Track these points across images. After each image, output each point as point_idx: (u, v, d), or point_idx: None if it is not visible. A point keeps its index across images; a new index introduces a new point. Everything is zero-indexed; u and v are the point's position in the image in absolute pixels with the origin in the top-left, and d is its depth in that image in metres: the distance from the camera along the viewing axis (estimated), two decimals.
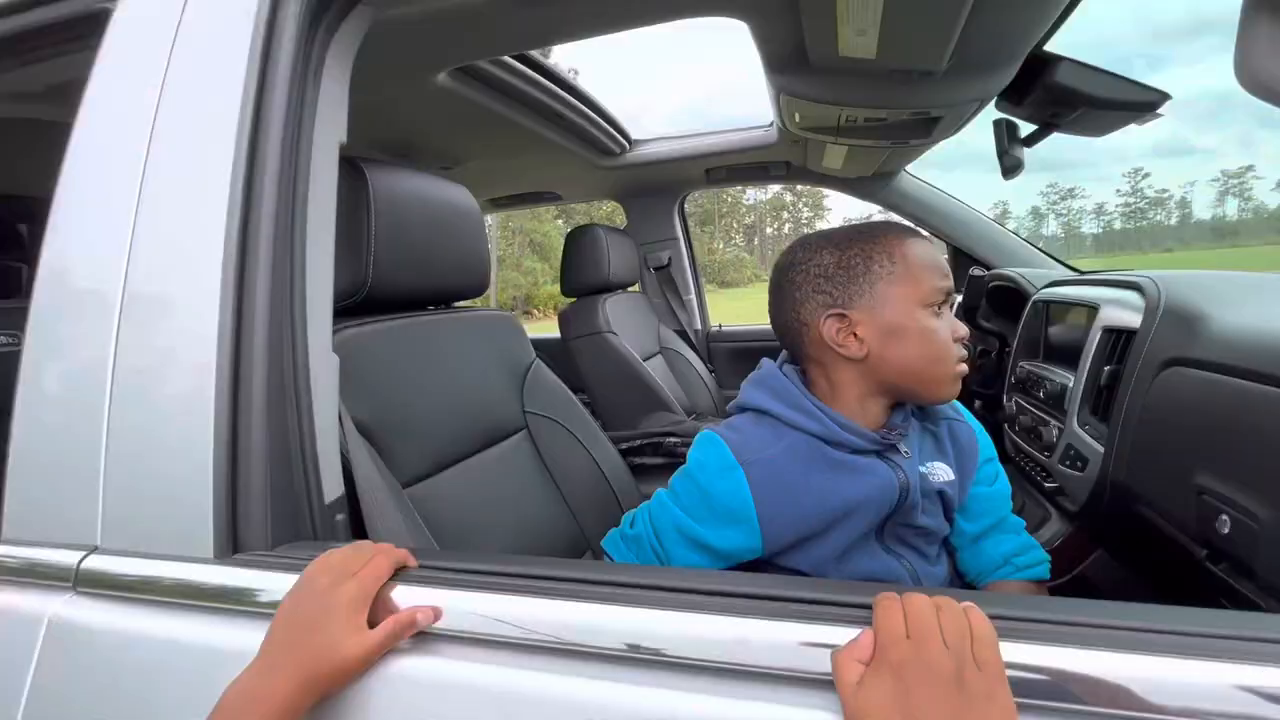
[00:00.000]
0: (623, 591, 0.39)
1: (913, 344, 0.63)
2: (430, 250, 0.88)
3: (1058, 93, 0.96)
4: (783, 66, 1.01)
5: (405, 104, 1.13)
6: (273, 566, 0.42)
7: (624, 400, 1.62)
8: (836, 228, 0.71)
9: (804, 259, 0.67)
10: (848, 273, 0.64)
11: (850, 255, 0.65)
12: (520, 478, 0.99)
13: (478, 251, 0.98)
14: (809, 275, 0.66)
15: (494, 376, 1.01)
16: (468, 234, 0.96)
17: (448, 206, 0.92)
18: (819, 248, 0.67)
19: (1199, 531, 0.70)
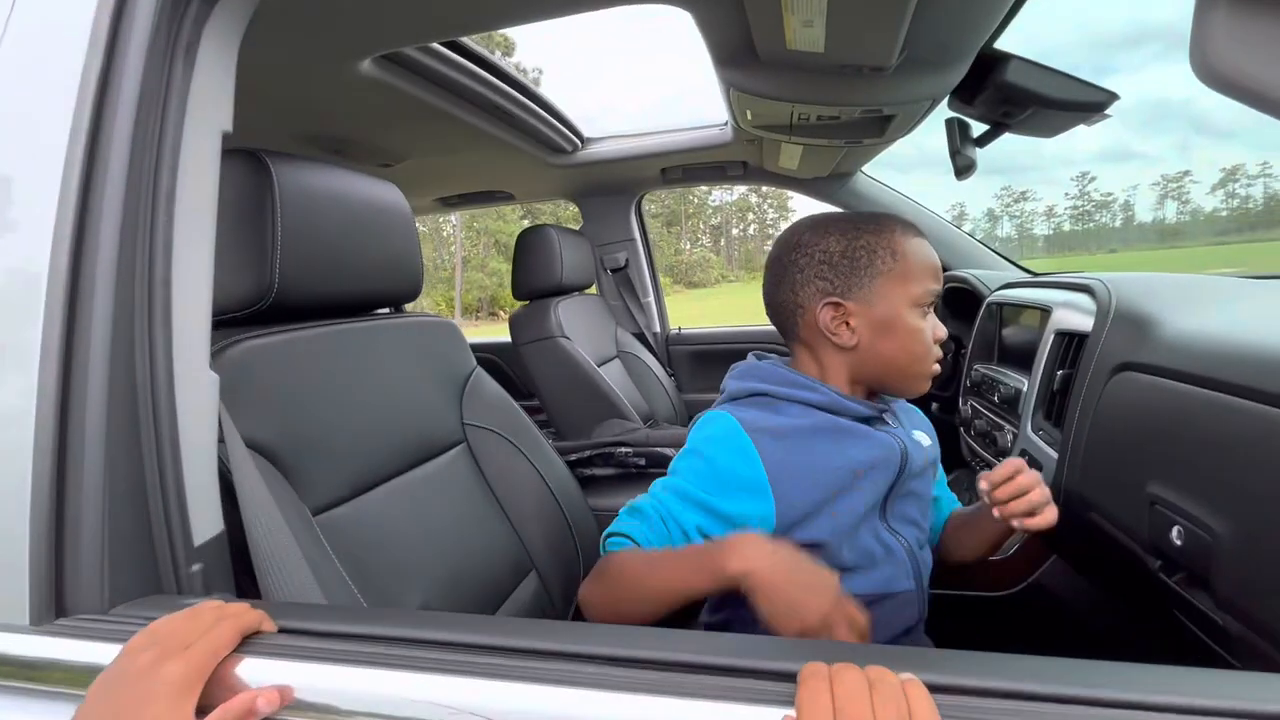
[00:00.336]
0: (522, 665, 0.33)
1: (899, 341, 0.64)
2: (351, 252, 0.81)
3: (1008, 91, 0.94)
4: (731, 60, 0.97)
5: (330, 95, 1.05)
6: (103, 635, 0.35)
7: (577, 407, 1.57)
8: (844, 212, 0.71)
9: (810, 241, 0.67)
10: (851, 263, 0.64)
11: (856, 246, 0.65)
12: (457, 496, 0.92)
13: (408, 253, 0.92)
14: (813, 259, 0.66)
15: (428, 387, 0.94)
16: (396, 234, 0.89)
17: (371, 204, 0.85)
18: (826, 231, 0.66)
19: (1152, 542, 0.68)
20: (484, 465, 1.00)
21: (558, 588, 1.00)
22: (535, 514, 1.02)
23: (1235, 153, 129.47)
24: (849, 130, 1.19)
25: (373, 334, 0.87)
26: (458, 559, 0.85)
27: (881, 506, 0.67)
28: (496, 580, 0.90)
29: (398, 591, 0.73)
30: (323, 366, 0.75)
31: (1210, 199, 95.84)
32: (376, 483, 0.79)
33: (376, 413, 0.82)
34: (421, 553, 0.80)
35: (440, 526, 0.86)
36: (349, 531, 0.72)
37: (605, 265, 2.08)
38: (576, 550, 1.04)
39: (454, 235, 31.31)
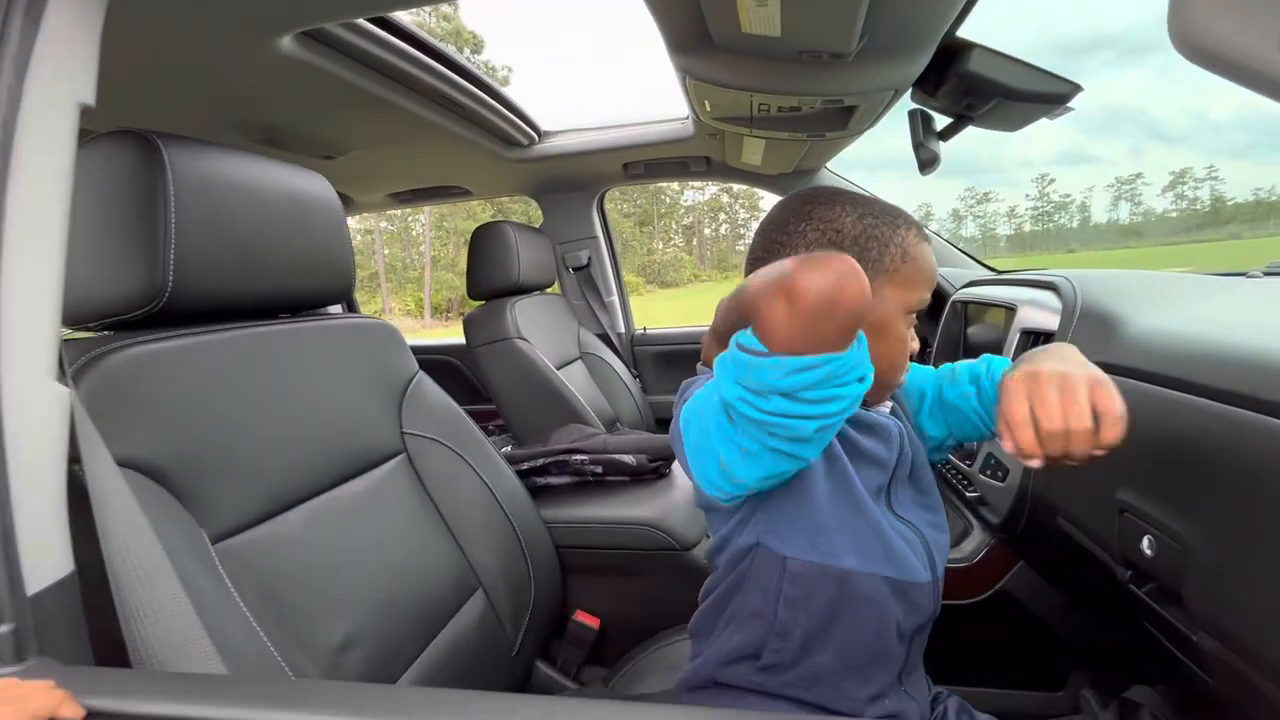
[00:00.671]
0: None
1: (886, 347, 0.59)
2: (267, 248, 0.73)
3: (971, 82, 0.91)
4: (686, 46, 0.92)
5: (251, 77, 0.97)
6: None
7: (535, 412, 1.50)
8: (853, 191, 0.64)
9: (822, 214, 0.60)
10: (862, 251, 0.59)
11: (870, 235, 0.59)
12: (393, 511, 0.85)
13: (337, 250, 0.84)
14: (823, 235, 0.60)
15: (361, 394, 0.87)
16: (322, 229, 0.82)
17: (292, 196, 0.77)
18: (841, 208, 0.60)
19: (1122, 552, 0.64)
20: (425, 477, 0.93)
21: (506, 607, 0.93)
22: (482, 528, 0.95)
23: (1184, 157, 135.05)
24: (811, 123, 1.15)
25: (294, 338, 0.79)
26: (392, 582, 0.78)
27: (886, 494, 0.62)
28: (437, 602, 0.83)
29: (317, 625, 0.66)
30: (228, 374, 0.67)
31: (1161, 200, 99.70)
32: (296, 502, 0.72)
33: (297, 424, 0.75)
34: (349, 578, 0.73)
35: (373, 547, 0.79)
36: (260, 559, 0.65)
37: (567, 264, 2.01)
38: (527, 566, 0.98)
39: (423, 235, 30.82)
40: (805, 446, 0.46)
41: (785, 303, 0.42)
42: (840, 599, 0.57)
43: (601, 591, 1.08)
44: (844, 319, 0.42)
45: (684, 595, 1.08)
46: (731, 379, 0.46)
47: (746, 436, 0.46)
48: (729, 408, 0.47)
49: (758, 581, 0.59)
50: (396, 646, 0.74)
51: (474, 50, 28.27)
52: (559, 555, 1.05)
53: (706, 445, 0.50)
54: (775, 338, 0.43)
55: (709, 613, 0.66)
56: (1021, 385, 0.51)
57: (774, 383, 0.43)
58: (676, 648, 0.98)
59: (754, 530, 0.59)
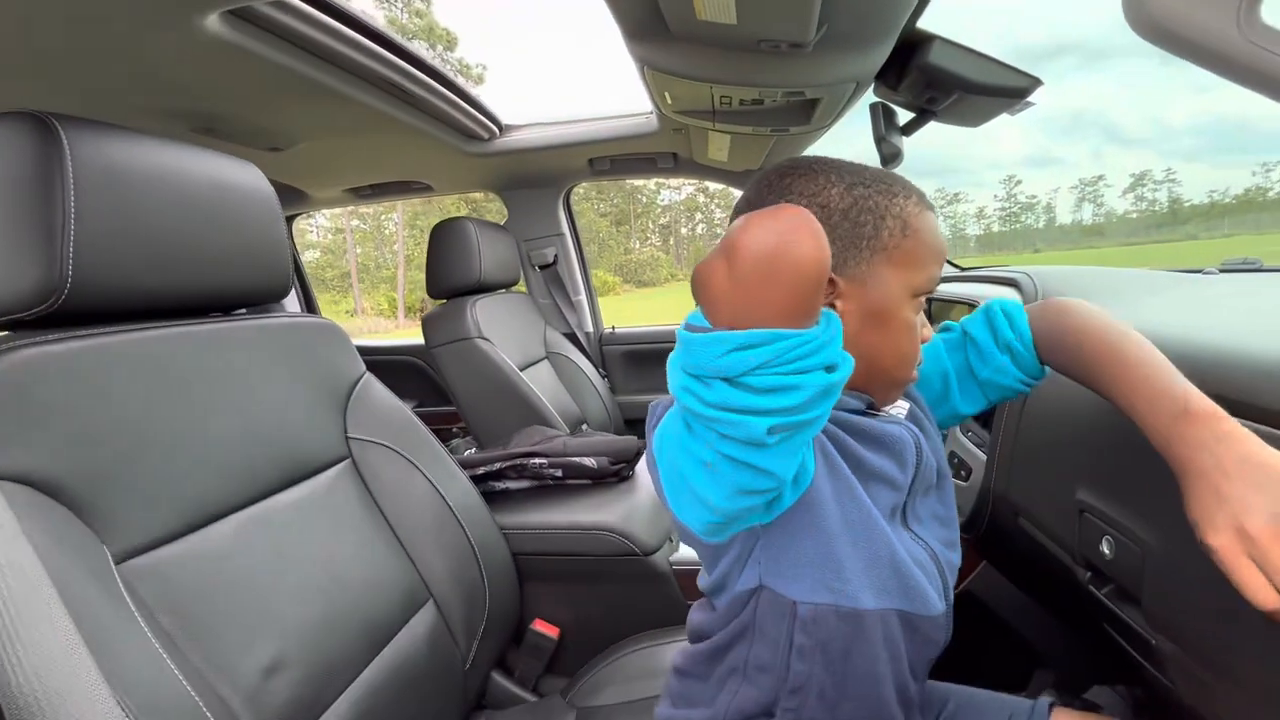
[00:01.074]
0: None
1: (890, 336, 0.51)
2: (189, 241, 0.68)
3: (932, 75, 0.89)
4: (642, 33, 0.89)
5: (178, 61, 0.91)
6: None
7: (497, 413, 1.46)
8: (840, 160, 0.55)
9: (803, 187, 0.52)
10: (854, 227, 0.50)
11: (862, 206, 0.51)
12: (335, 521, 0.80)
13: (271, 244, 0.79)
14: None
15: (301, 397, 0.82)
16: (255, 222, 0.77)
17: (218, 185, 0.72)
18: (826, 178, 0.52)
19: (1082, 553, 0.63)
20: (372, 484, 0.88)
21: (459, 619, 0.89)
22: (433, 537, 0.91)
23: (1143, 160, 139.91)
24: (774, 117, 1.13)
25: (224, 338, 0.74)
26: (331, 596, 0.73)
27: (901, 512, 0.55)
28: (383, 616, 0.79)
29: (242, 647, 0.61)
30: (141, 378, 0.62)
31: (1122, 202, 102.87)
32: (222, 514, 0.67)
33: (225, 430, 0.70)
34: (281, 594, 0.68)
35: (310, 559, 0.74)
36: (178, 577, 0.60)
37: (533, 261, 1.97)
38: (481, 575, 0.94)
39: (397, 233, 30.38)
40: (765, 455, 0.38)
41: (725, 265, 0.36)
42: (853, 644, 0.50)
43: (561, 599, 1.04)
44: (789, 281, 0.35)
45: (646, 602, 1.05)
46: (677, 365, 0.40)
47: (700, 442, 0.39)
48: (680, 407, 0.40)
49: (764, 631, 0.51)
50: (333, 666, 0.69)
51: (448, 48, 27.90)
52: (516, 563, 1.01)
53: (676, 468, 0.43)
54: (716, 308, 0.37)
55: (703, 661, 0.57)
56: (1240, 555, 0.40)
57: (712, 362, 0.36)
58: (638, 656, 0.95)
59: (755, 570, 0.50)
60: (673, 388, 0.40)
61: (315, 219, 31.26)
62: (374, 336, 2.90)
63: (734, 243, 0.35)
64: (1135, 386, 0.49)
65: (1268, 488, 0.39)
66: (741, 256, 0.35)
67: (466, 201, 18.84)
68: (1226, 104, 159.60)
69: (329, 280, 30.38)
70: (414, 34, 25.85)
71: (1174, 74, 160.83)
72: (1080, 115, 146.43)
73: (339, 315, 26.78)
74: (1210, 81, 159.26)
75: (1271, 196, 59.14)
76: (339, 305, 28.50)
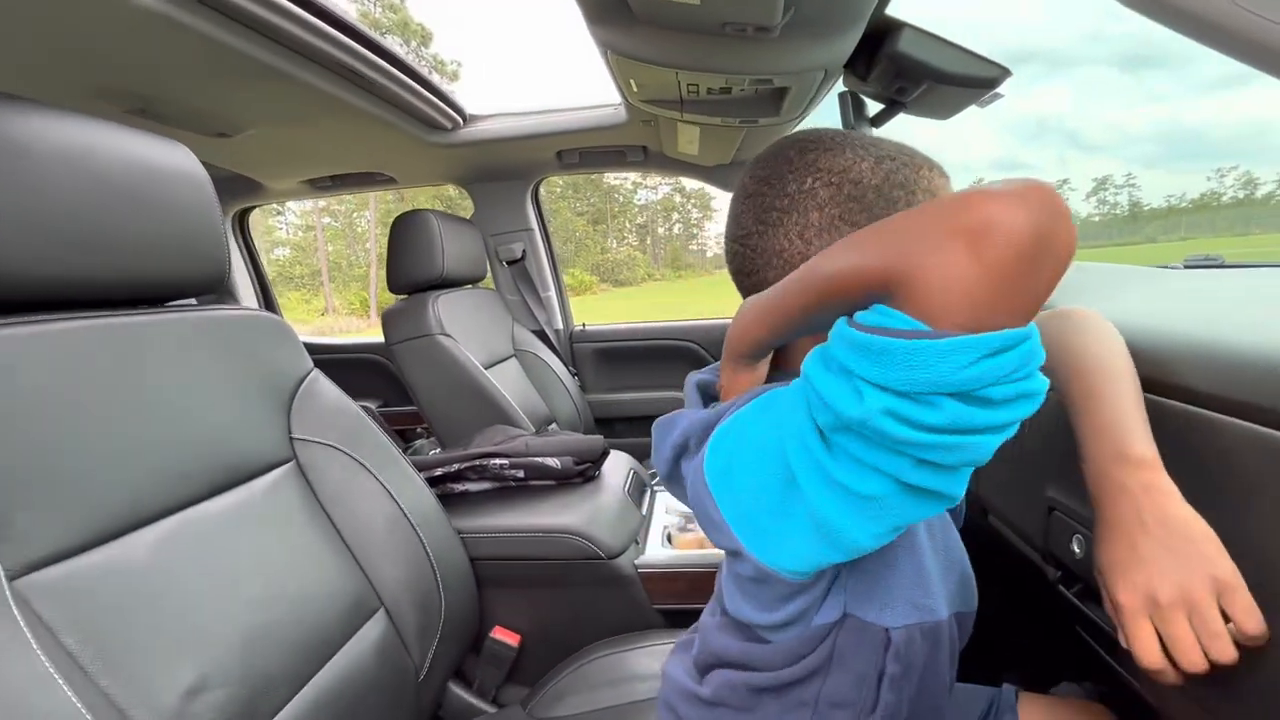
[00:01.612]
0: None
1: None
2: (105, 227, 0.63)
3: (901, 64, 0.87)
4: (603, 16, 0.85)
5: (106, 34, 0.85)
6: None
7: (459, 413, 1.41)
8: (850, 132, 0.51)
9: (830, 163, 0.47)
10: (888, 205, 0.46)
11: (894, 181, 0.47)
12: (276, 527, 0.76)
13: (203, 231, 0.74)
14: (839, 189, 0.47)
15: (239, 395, 0.77)
16: (184, 207, 0.72)
17: (141, 167, 0.67)
18: (855, 153, 0.47)
19: (1051, 551, 0.61)
20: (318, 487, 0.83)
21: (412, 628, 0.85)
22: (384, 541, 0.86)
23: (1104, 165, 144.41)
24: (743, 107, 1.11)
25: (148, 331, 0.69)
26: (268, 608, 0.69)
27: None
28: (327, 628, 0.74)
29: (161, 667, 0.56)
30: (47, 373, 0.57)
31: (1085, 205, 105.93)
32: (143, 522, 0.62)
33: (147, 431, 0.64)
34: (210, 607, 0.63)
35: (245, 569, 0.69)
36: (89, 592, 0.55)
37: (500, 257, 1.92)
38: (436, 581, 0.90)
39: (369, 231, 29.87)
40: (957, 479, 0.33)
41: (968, 250, 0.29)
42: (931, 659, 0.46)
43: (522, 605, 1.00)
44: (1054, 271, 0.30)
45: (610, 607, 1.02)
46: (854, 389, 0.32)
47: (870, 474, 0.33)
48: (848, 434, 0.33)
49: (846, 664, 0.45)
50: (267, 684, 0.65)
51: (422, 43, 27.48)
52: (475, 568, 0.97)
53: (783, 507, 0.37)
54: (950, 305, 0.29)
55: (748, 693, 0.49)
56: (1142, 615, 0.40)
57: (954, 375, 0.29)
58: (602, 663, 0.91)
59: (839, 601, 0.44)
60: (852, 415, 0.31)
61: (285, 215, 30.59)
62: (346, 335, 2.82)
63: (987, 226, 0.29)
64: (1088, 414, 0.47)
65: (1181, 553, 0.39)
66: (1001, 243, 0.28)
67: (440, 198, 18.59)
68: (1183, 112, 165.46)
69: (299, 278, 29.74)
70: (387, 29, 25.43)
71: (1133, 83, 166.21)
72: (1045, 121, 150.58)
73: (310, 314, 26.22)
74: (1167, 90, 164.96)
75: (1225, 201, 61.43)
76: (310, 304, 27.91)
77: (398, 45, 1.05)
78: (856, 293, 0.33)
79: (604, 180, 40.32)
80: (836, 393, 0.32)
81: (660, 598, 0.97)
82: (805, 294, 0.37)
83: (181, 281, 0.73)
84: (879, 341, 0.30)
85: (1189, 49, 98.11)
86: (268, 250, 30.04)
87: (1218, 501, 0.42)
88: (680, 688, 0.56)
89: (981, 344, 0.29)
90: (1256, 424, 0.41)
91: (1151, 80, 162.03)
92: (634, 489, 1.15)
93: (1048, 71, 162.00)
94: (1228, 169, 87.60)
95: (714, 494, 0.41)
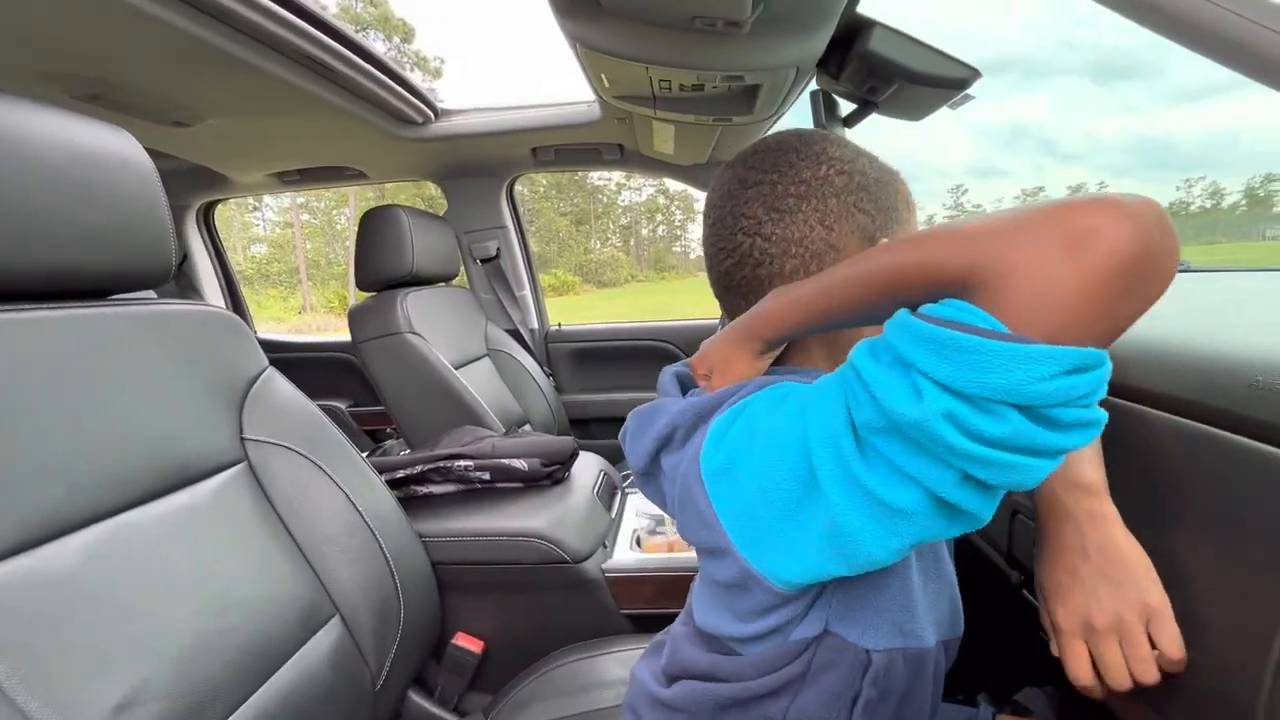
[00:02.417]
0: None
1: None
2: (40, 214, 0.60)
3: (872, 63, 0.87)
4: (572, 9, 0.84)
5: (53, 15, 0.81)
6: None
7: (428, 413, 1.38)
8: (864, 151, 0.53)
9: (839, 153, 0.48)
10: (888, 201, 0.49)
11: (884, 181, 0.49)
12: (224, 531, 0.72)
13: (147, 221, 0.71)
14: (851, 179, 0.48)
15: (183, 393, 0.74)
16: (127, 196, 0.68)
17: (81, 151, 0.63)
18: (855, 149, 0.49)
19: (1014, 555, 0.61)
20: (270, 489, 0.80)
21: (369, 635, 0.82)
22: (340, 546, 0.83)
23: (1078, 173, 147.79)
24: (716, 105, 1.09)
25: (85, 325, 0.65)
26: (213, 616, 0.65)
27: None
28: (276, 636, 0.71)
29: (87, 681, 0.53)
30: None
31: None
32: (71, 528, 0.58)
33: (79, 432, 0.61)
34: (146, 617, 0.60)
35: (187, 575, 0.66)
36: (5, 604, 0.51)
37: (474, 255, 1.89)
38: (396, 586, 0.87)
39: (349, 228, 29.47)
40: (992, 500, 0.32)
41: (1067, 255, 0.27)
42: (913, 686, 0.45)
43: (486, 611, 0.97)
44: (1156, 291, 0.28)
45: (576, 612, 1.00)
46: (911, 385, 0.29)
47: (905, 486, 0.31)
48: (891, 436, 0.31)
49: (820, 683, 0.43)
50: (208, 696, 0.61)
51: (404, 39, 27.17)
52: (437, 572, 0.94)
53: (794, 509, 0.35)
54: (1037, 308, 0.27)
55: (714, 706, 0.47)
56: (1077, 638, 0.41)
57: (1031, 386, 0.27)
58: (567, 669, 0.89)
59: (821, 616, 0.42)
60: (906, 415, 0.29)
61: (263, 212, 30.06)
62: (324, 335, 2.76)
63: (1092, 233, 0.26)
64: None
65: (1119, 583, 0.40)
66: (1103, 252, 0.26)
67: (421, 197, 18.40)
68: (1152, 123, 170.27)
69: (276, 275, 29.24)
70: (368, 24, 25.12)
71: (1105, 93, 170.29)
72: (1020, 129, 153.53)
73: (288, 312, 25.76)
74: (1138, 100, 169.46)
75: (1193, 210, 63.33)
76: (287, 302, 27.43)
77: (379, 40, 1.02)
78: (928, 287, 0.31)
79: (588, 180, 40.26)
80: (890, 388, 0.30)
81: (627, 602, 0.95)
82: (863, 285, 0.35)
83: (125, 274, 0.70)
84: (953, 336, 0.28)
85: (1159, 60, 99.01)
86: (244, 247, 29.48)
87: (1143, 488, 0.44)
88: (645, 692, 0.55)
89: (1065, 358, 0.27)
90: (1181, 416, 0.42)
91: (1123, 90, 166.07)
92: (604, 491, 1.13)
93: (1022, 80, 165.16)
94: (1195, 179, 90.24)
95: (709, 489, 0.40)
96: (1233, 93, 26.63)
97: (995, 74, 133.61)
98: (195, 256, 2.06)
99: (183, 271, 2.04)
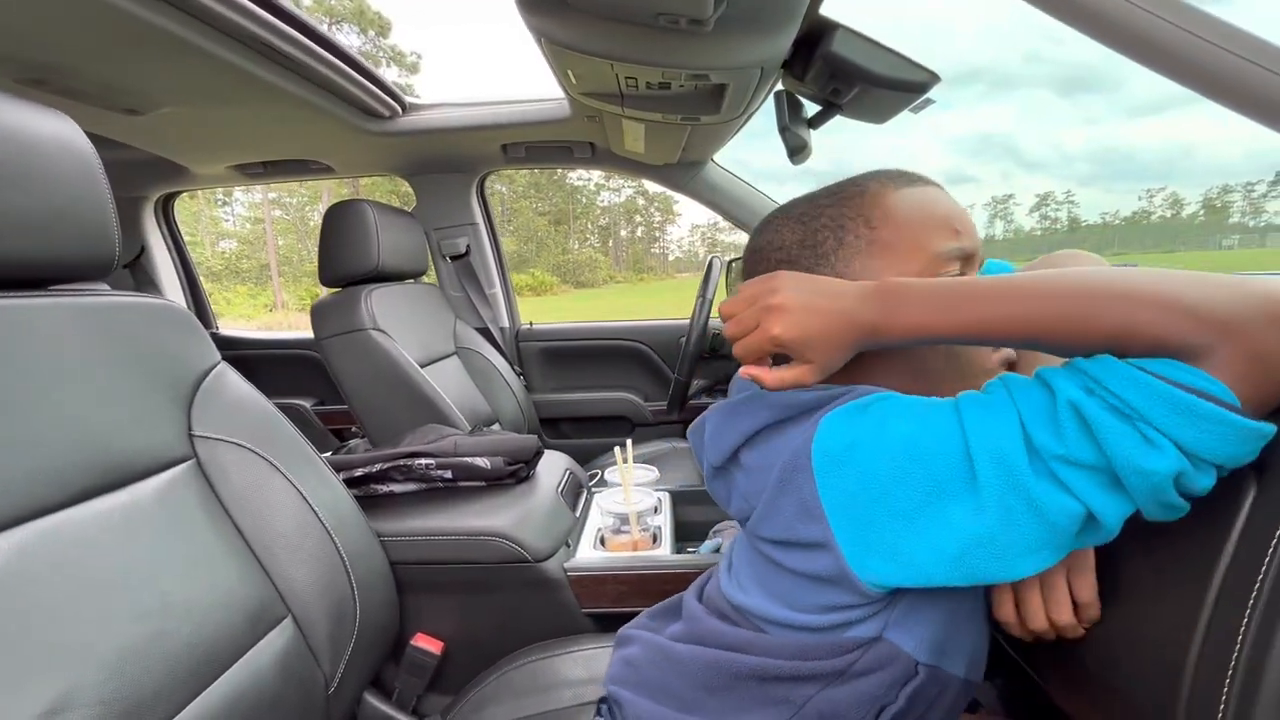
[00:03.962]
0: None
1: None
2: None
3: (835, 65, 0.88)
4: (536, 4, 0.83)
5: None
6: None
7: (392, 411, 1.35)
8: (815, 192, 0.55)
9: (765, 243, 0.53)
10: (815, 252, 0.50)
11: (817, 227, 0.50)
12: (168, 530, 0.70)
13: (88, 209, 0.68)
14: (770, 264, 0.52)
15: (127, 389, 0.71)
16: (64, 181, 0.66)
17: (18, 137, 0.61)
18: (780, 225, 0.53)
19: None
20: (220, 488, 0.78)
21: (322, 636, 0.80)
22: (294, 546, 0.81)
23: (1045, 182, 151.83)
24: (683, 103, 1.10)
25: (16, 317, 0.63)
26: (153, 618, 0.63)
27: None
28: (222, 638, 0.69)
29: (10, 690, 0.50)
30: None
31: (1029, 220, 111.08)
32: (1, 527, 0.56)
33: (9, 427, 0.58)
34: (78, 620, 0.58)
35: (127, 576, 0.63)
36: None
37: (443, 252, 1.86)
38: (351, 587, 0.85)
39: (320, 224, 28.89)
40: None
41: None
42: (932, 707, 0.46)
43: (446, 611, 0.96)
44: None
45: (537, 612, 0.99)
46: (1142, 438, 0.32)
47: (1069, 504, 0.34)
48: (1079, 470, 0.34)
49: (861, 685, 0.43)
50: (145, 701, 0.59)
51: (380, 33, 26.76)
52: (396, 572, 0.92)
53: (919, 511, 0.37)
54: (1259, 383, 0.31)
55: (728, 675, 0.47)
56: (1007, 586, 0.45)
57: (1243, 454, 0.32)
58: (527, 670, 0.88)
59: (882, 620, 0.43)
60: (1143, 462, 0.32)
61: (232, 207, 29.34)
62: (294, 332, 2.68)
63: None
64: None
65: None
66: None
67: (397, 194, 18.15)
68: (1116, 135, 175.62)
69: (246, 272, 28.56)
70: (342, 17, 24.70)
71: (1070, 106, 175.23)
72: (989, 138, 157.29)
73: (258, 309, 25.18)
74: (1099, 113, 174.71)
75: (1154, 220, 65.45)
76: (258, 299, 26.80)
77: (354, 34, 1.00)
78: (1154, 349, 0.33)
79: (566, 180, 40.10)
80: (1117, 435, 0.32)
81: (589, 602, 0.95)
82: (1077, 325, 0.35)
83: (62, 263, 0.67)
84: (1204, 406, 0.30)
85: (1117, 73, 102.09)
86: (213, 243, 28.74)
87: None
88: (654, 642, 0.55)
89: (1268, 432, 0.31)
90: None
91: (1086, 102, 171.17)
92: (568, 490, 1.12)
93: (990, 91, 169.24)
94: (1156, 189, 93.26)
95: (819, 479, 0.40)
96: (1187, 107, 27.70)
97: (965, 84, 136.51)
98: (153, 250, 2.00)
99: (140, 265, 1.98)
